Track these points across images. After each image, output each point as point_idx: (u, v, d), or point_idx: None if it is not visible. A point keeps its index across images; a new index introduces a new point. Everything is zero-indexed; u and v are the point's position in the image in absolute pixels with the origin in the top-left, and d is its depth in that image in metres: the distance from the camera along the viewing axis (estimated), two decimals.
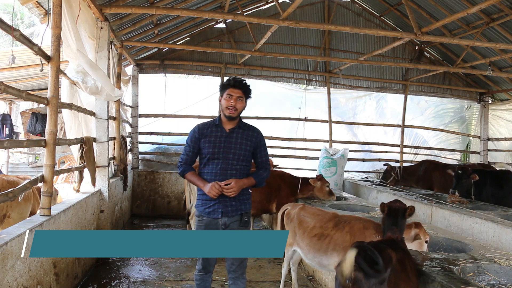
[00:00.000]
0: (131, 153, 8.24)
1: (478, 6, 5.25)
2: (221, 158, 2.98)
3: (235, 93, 2.97)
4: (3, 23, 2.81)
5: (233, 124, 3.06)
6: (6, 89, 2.82)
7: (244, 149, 3.02)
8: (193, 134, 3.09)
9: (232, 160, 2.98)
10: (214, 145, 3.00)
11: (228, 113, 2.98)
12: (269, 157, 3.27)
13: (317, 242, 3.37)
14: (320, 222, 3.47)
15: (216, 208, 2.96)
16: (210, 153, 2.99)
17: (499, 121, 9.65)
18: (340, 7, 9.06)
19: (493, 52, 7.81)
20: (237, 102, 2.97)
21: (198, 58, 8.65)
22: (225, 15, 5.85)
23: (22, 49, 4.06)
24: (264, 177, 3.11)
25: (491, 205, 5.43)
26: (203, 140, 3.03)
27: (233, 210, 2.98)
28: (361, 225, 3.26)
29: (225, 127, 3.06)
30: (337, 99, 9.56)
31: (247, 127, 3.13)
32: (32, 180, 3.34)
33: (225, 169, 2.97)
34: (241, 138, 3.04)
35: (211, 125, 3.10)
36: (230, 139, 3.02)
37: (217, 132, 3.04)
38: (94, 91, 4.56)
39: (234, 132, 3.05)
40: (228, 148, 2.99)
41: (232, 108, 2.96)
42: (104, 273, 4.65)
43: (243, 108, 3.05)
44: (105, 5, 4.97)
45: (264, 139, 3.19)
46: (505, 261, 2.95)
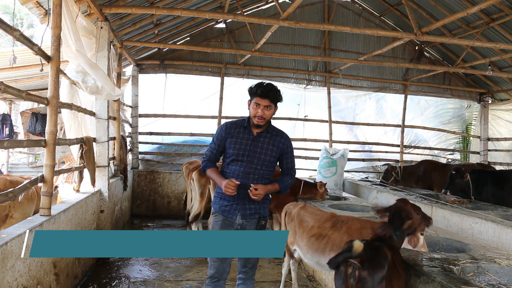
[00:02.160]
0: (131, 153, 8.24)
1: (478, 6, 5.25)
2: (245, 161, 2.92)
3: (262, 102, 2.90)
4: (3, 23, 2.81)
5: (262, 128, 3.00)
6: (6, 89, 2.82)
7: (269, 154, 2.96)
8: (220, 132, 3.04)
9: (256, 164, 2.93)
10: (240, 147, 2.94)
11: (256, 122, 2.93)
12: (295, 164, 3.19)
13: (315, 242, 3.38)
14: (318, 222, 3.48)
15: (233, 209, 2.93)
16: (235, 154, 2.94)
17: (499, 121, 9.65)
18: (340, 7, 9.06)
19: (493, 52, 7.81)
20: (264, 111, 2.91)
21: (198, 58, 8.65)
22: (225, 15, 5.85)
23: (22, 49, 4.06)
24: (288, 184, 3.04)
25: (491, 205, 5.43)
26: (229, 140, 2.98)
27: (251, 214, 2.95)
28: (358, 225, 3.26)
29: (253, 130, 3.00)
30: (337, 98, 9.55)
31: (275, 131, 3.06)
32: (32, 180, 3.34)
33: (248, 172, 2.92)
34: (267, 143, 2.97)
35: (239, 125, 3.03)
36: (256, 142, 2.96)
37: (245, 134, 2.98)
38: (94, 91, 4.57)
39: (261, 136, 2.99)
40: (253, 152, 2.94)
41: (260, 118, 2.90)
42: (104, 273, 4.65)
43: (272, 115, 2.99)
44: (105, 5, 4.97)
45: (291, 145, 3.11)
46: (505, 261, 2.95)
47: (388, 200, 6.46)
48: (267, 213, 3.05)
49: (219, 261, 2.91)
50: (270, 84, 2.99)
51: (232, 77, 8.90)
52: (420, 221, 2.82)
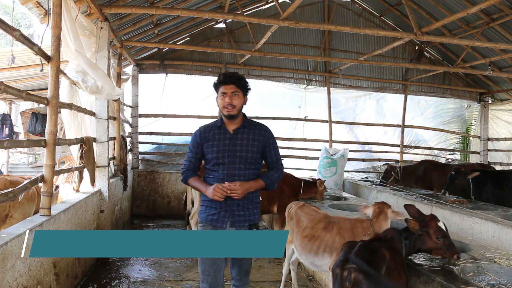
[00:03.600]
0: (131, 153, 8.25)
1: (478, 6, 5.25)
2: (227, 163, 2.71)
3: (228, 89, 2.70)
4: (3, 23, 2.81)
5: (237, 124, 2.79)
6: (6, 89, 2.82)
7: (251, 150, 2.75)
8: (195, 138, 2.84)
9: (239, 164, 2.72)
10: (218, 149, 2.73)
11: (227, 112, 2.71)
12: (280, 156, 2.96)
13: (308, 243, 3.37)
14: (312, 222, 3.47)
15: (221, 217, 2.71)
16: (215, 158, 2.73)
17: (498, 121, 9.66)
18: (340, 7, 9.06)
19: (493, 52, 7.82)
20: (232, 98, 2.70)
21: (198, 58, 8.65)
22: (225, 15, 5.85)
23: (22, 49, 4.06)
24: (275, 178, 2.83)
25: (491, 205, 5.43)
26: (206, 144, 2.78)
27: (241, 221, 2.73)
28: (349, 225, 3.26)
29: (229, 128, 2.79)
30: (337, 99, 9.56)
31: (253, 125, 2.84)
32: (32, 180, 3.34)
33: (233, 174, 2.70)
34: (247, 139, 2.76)
35: (213, 127, 2.83)
36: (235, 141, 2.75)
37: (220, 135, 2.78)
38: (94, 91, 4.57)
39: (239, 132, 2.77)
40: (233, 152, 2.72)
41: (229, 106, 2.69)
42: (104, 273, 4.65)
43: (242, 104, 2.77)
44: (105, 5, 4.97)
45: (273, 136, 2.89)
46: (505, 261, 2.96)
47: (388, 200, 6.46)
48: (258, 219, 2.83)
49: (212, 275, 2.73)
50: (233, 72, 2.83)
51: None
52: (439, 247, 2.64)
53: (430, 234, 2.65)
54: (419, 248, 2.71)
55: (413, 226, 2.66)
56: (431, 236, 2.65)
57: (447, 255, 2.64)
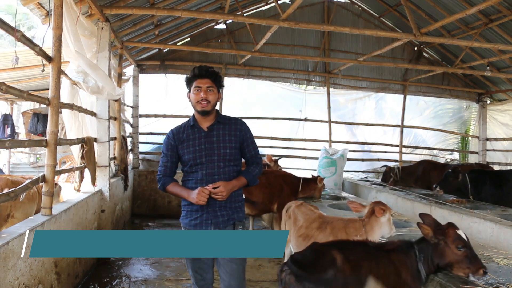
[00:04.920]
0: (132, 153, 8.27)
1: (476, 7, 5.28)
2: (204, 163, 2.57)
3: (204, 83, 2.57)
4: (5, 24, 2.84)
5: (211, 120, 2.64)
6: (7, 90, 2.84)
7: (229, 146, 2.60)
8: (168, 141, 2.67)
9: (218, 162, 2.57)
10: (194, 149, 2.58)
11: (201, 108, 2.56)
12: (259, 150, 2.83)
13: (302, 242, 3.38)
14: (307, 222, 3.50)
15: (204, 220, 2.58)
16: (192, 159, 2.58)
17: (495, 122, 9.70)
18: (339, 8, 9.09)
19: (492, 53, 7.84)
20: (207, 93, 2.56)
21: (198, 59, 8.67)
22: (225, 16, 5.88)
23: (24, 50, 4.08)
24: (256, 173, 2.68)
25: (489, 204, 5.45)
26: (181, 146, 2.63)
27: (224, 221, 2.58)
28: (342, 225, 3.27)
29: (202, 125, 2.64)
30: (336, 99, 9.59)
31: (228, 120, 2.69)
32: (34, 180, 3.36)
33: (212, 173, 2.56)
34: (223, 135, 2.61)
35: (186, 127, 2.68)
36: (211, 138, 2.60)
37: (195, 134, 2.62)
38: (95, 91, 4.59)
39: (213, 129, 2.62)
40: (210, 150, 2.58)
41: (204, 101, 2.54)
42: (105, 273, 4.67)
43: (216, 100, 2.62)
44: (106, 6, 5.00)
45: (250, 130, 2.73)
46: (504, 260, 2.98)
47: (387, 200, 6.49)
48: (242, 217, 2.68)
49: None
50: (208, 66, 2.66)
51: (233, 78, 8.93)
52: (461, 259, 2.25)
53: (448, 243, 2.27)
54: (438, 264, 2.32)
55: (426, 232, 2.34)
56: (450, 245, 2.27)
57: (471, 269, 2.22)
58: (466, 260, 2.23)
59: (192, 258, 2.64)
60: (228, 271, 2.59)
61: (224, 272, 2.61)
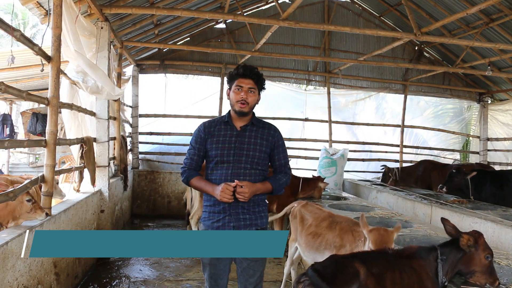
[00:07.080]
0: (131, 153, 8.26)
1: (477, 7, 5.26)
2: (231, 162, 2.50)
3: (246, 83, 2.51)
4: (3, 23, 2.82)
5: (246, 121, 2.59)
6: (6, 89, 2.83)
7: (259, 150, 2.54)
8: (198, 133, 2.61)
9: (245, 163, 2.51)
10: (223, 146, 2.53)
11: (239, 108, 2.51)
12: (289, 160, 2.74)
13: (311, 239, 3.44)
14: (316, 221, 3.54)
15: (226, 222, 2.52)
16: (219, 155, 2.52)
17: (496, 121, 9.69)
18: (340, 7, 9.08)
19: (493, 52, 7.83)
20: (248, 94, 2.51)
21: (198, 58, 8.66)
22: (225, 15, 5.86)
23: (23, 49, 4.07)
24: (283, 183, 2.60)
25: (490, 205, 5.44)
26: (210, 140, 2.56)
27: (246, 225, 2.53)
28: (351, 225, 3.29)
29: (236, 124, 2.59)
30: (337, 100, 9.57)
31: (262, 124, 2.65)
32: (33, 180, 3.35)
33: (237, 174, 2.49)
34: (255, 137, 2.56)
35: (219, 122, 2.62)
36: (242, 138, 2.55)
37: (227, 131, 2.57)
38: (94, 91, 4.58)
39: (246, 130, 2.57)
40: (240, 150, 2.52)
41: (243, 103, 2.50)
42: (105, 273, 4.66)
43: (256, 102, 2.59)
44: (105, 6, 4.99)
45: (282, 138, 2.68)
46: (505, 261, 2.97)
47: (388, 200, 6.47)
48: (265, 223, 2.64)
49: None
50: (253, 66, 2.59)
51: None
52: (485, 269, 2.23)
53: (479, 251, 2.21)
54: (460, 270, 2.27)
55: (466, 242, 2.22)
56: (480, 254, 2.21)
57: (489, 280, 2.22)
58: (488, 270, 2.22)
59: (209, 264, 2.60)
60: (247, 278, 2.62)
61: (245, 278, 2.63)
